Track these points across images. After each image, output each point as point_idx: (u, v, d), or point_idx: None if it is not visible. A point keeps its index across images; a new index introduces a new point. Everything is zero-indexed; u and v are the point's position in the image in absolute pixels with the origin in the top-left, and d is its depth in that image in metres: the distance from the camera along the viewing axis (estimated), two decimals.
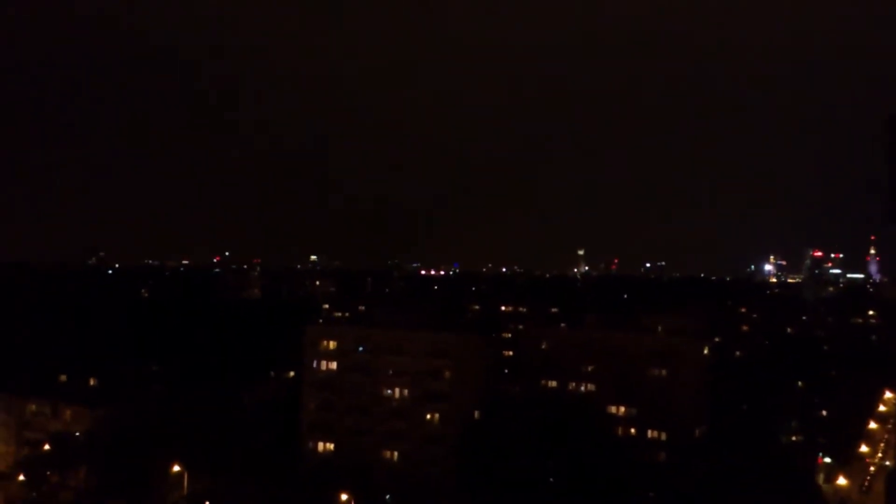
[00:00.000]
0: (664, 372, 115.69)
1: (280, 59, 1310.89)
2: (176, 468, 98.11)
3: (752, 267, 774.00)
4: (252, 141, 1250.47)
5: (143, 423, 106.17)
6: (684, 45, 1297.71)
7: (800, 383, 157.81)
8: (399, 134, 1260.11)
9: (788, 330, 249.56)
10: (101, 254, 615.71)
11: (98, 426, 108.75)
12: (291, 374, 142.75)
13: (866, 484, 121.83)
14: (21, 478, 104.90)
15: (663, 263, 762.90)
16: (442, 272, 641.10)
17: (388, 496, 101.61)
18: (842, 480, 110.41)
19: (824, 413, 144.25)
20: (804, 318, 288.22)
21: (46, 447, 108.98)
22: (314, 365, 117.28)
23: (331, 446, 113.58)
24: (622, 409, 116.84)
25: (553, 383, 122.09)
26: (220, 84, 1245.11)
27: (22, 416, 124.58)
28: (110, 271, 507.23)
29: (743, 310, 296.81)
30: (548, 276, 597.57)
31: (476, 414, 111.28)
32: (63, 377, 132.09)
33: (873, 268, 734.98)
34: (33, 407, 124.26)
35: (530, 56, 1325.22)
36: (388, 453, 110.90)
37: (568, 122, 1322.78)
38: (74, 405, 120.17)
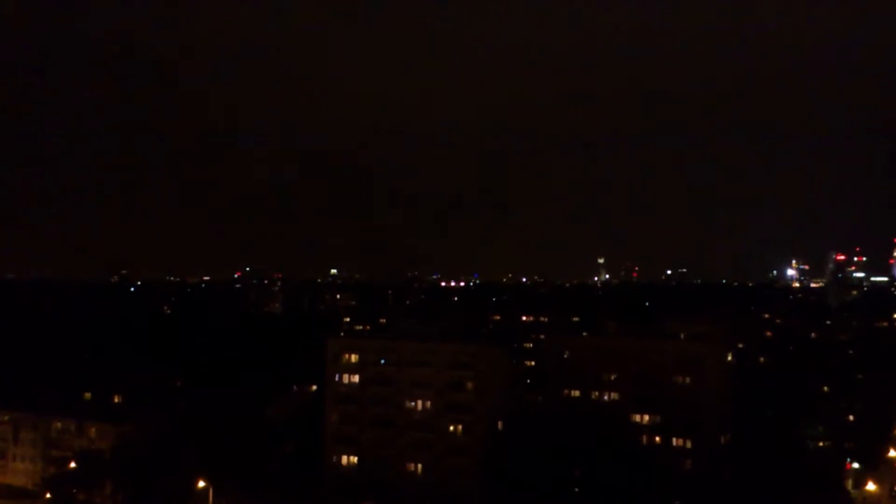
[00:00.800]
0: (688, 379, 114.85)
1: (290, 68, 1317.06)
2: (201, 483, 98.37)
3: (775, 272, 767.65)
4: (272, 155, 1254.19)
5: (167, 438, 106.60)
6: (701, 43, 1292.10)
7: (825, 388, 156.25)
8: (414, 142, 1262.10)
9: (812, 335, 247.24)
10: (124, 271, 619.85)
11: (123, 443, 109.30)
12: (314, 387, 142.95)
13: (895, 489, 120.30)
14: (48, 496, 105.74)
15: (685, 270, 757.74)
16: (462, 283, 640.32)
17: None
18: (871, 486, 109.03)
19: (851, 418, 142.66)
20: (828, 322, 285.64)
21: (72, 465, 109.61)
22: (336, 378, 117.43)
23: (354, 459, 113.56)
24: (646, 417, 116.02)
25: (576, 392, 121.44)
26: (231, 96, 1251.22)
27: (47, 435, 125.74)
28: (132, 288, 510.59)
29: (766, 315, 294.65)
30: (568, 284, 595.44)
31: (499, 425, 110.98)
32: (87, 395, 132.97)
33: None
34: (58, 425, 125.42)
35: (539, 60, 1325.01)
36: (411, 465, 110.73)
37: (586, 128, 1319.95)
38: (99, 422, 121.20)
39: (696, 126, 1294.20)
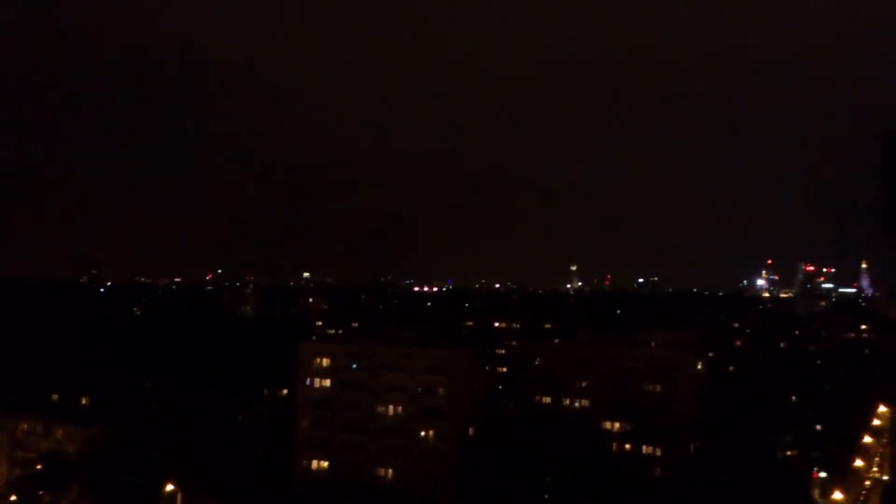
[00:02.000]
0: (658, 387, 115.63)
1: (269, 73, 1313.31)
2: (169, 487, 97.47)
3: (745, 282, 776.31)
4: (244, 156, 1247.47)
5: (135, 441, 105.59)
6: (674, 59, 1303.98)
7: (794, 397, 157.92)
8: (390, 148, 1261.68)
9: (782, 344, 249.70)
10: (94, 271, 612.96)
11: (90, 445, 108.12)
12: (285, 391, 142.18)
13: (862, 498, 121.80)
14: (13, 498, 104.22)
15: (656, 279, 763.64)
16: (435, 288, 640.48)
17: None
18: (838, 495, 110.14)
19: (819, 427, 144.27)
20: (797, 332, 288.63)
21: (39, 467, 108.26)
22: (308, 382, 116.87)
23: (325, 464, 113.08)
24: (617, 424, 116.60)
25: (547, 399, 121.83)
26: (209, 99, 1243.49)
27: (14, 436, 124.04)
28: (102, 289, 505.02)
29: (736, 324, 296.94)
30: (541, 291, 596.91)
31: (471, 430, 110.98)
32: (55, 396, 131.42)
33: (865, 282, 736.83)
34: (25, 426, 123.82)
35: (521, 70, 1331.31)
36: (382, 471, 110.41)
37: (559, 136, 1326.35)
38: (67, 424, 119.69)
39: (667, 134, 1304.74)
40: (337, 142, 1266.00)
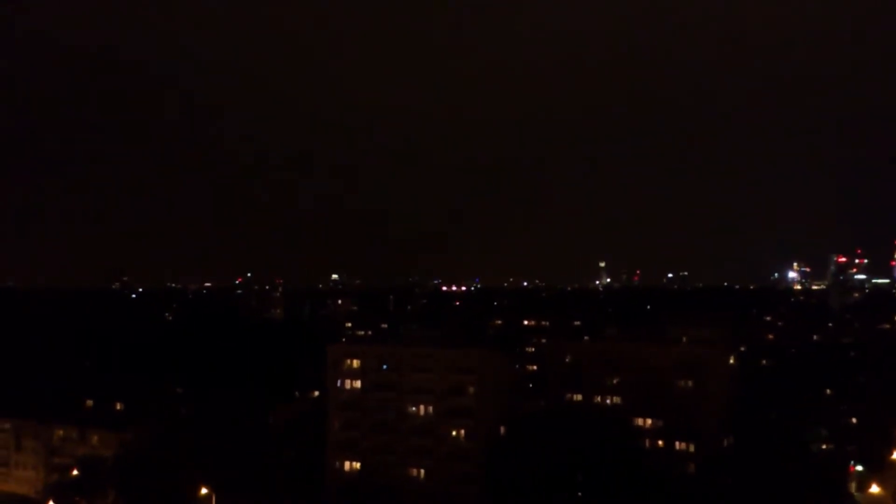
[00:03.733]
0: (690, 383, 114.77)
1: (301, 83, 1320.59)
2: (204, 490, 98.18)
3: (776, 274, 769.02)
4: (271, 162, 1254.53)
5: (169, 445, 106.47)
6: (698, 53, 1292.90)
7: (828, 391, 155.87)
8: (413, 149, 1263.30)
9: (815, 337, 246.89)
10: (125, 278, 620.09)
11: (125, 450, 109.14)
12: (316, 393, 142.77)
13: None
14: (50, 503, 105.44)
15: (686, 273, 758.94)
16: (463, 288, 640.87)
17: None
18: (875, 488, 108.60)
19: (854, 420, 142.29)
20: (830, 324, 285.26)
21: (75, 472, 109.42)
22: (338, 384, 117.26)
23: (357, 465, 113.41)
24: (649, 421, 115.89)
25: (578, 397, 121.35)
26: (237, 107, 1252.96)
27: (50, 442, 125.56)
28: (134, 295, 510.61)
29: (768, 318, 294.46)
30: (569, 288, 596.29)
31: (501, 429, 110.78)
32: (90, 402, 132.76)
33: None
34: (61, 432, 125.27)
35: (543, 70, 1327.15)
36: (413, 471, 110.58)
37: (587, 134, 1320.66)
38: (101, 430, 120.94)
39: (696, 131, 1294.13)
40: (365, 145, 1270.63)
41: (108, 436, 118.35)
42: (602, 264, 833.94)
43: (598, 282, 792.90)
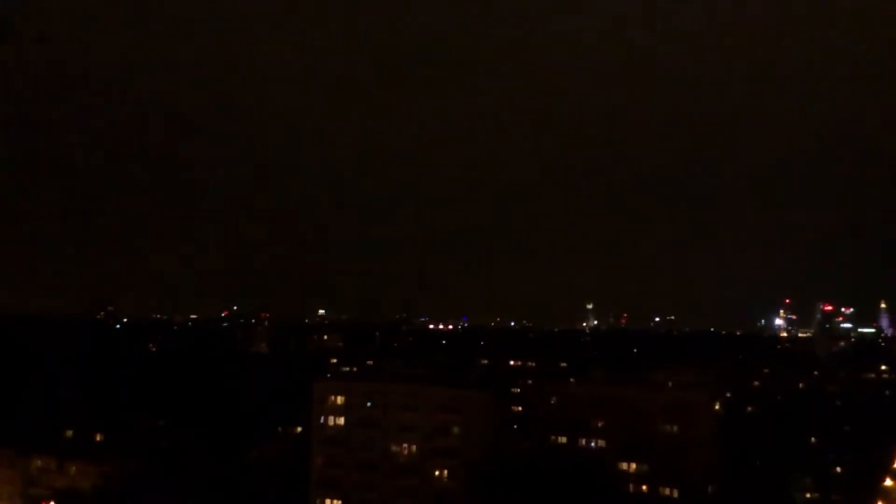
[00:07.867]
0: (675, 427, 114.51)
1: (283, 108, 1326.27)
2: None
3: (763, 321, 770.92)
4: (256, 192, 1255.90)
5: (149, 478, 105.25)
6: (683, 87, 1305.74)
7: (813, 439, 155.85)
8: (404, 183, 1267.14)
9: (800, 385, 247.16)
10: (110, 308, 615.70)
11: (104, 482, 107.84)
12: (299, 429, 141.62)
13: None
14: None
15: (673, 318, 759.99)
16: (450, 326, 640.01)
17: None
18: None
19: (839, 469, 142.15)
20: (816, 372, 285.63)
21: None
22: (322, 420, 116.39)
23: (339, 503, 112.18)
24: (633, 465, 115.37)
25: (563, 439, 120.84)
26: (222, 141, 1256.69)
27: (27, 473, 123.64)
28: (118, 325, 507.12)
29: (754, 364, 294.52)
30: (556, 330, 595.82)
31: (486, 470, 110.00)
32: (69, 432, 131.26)
33: (884, 322, 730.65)
34: (38, 463, 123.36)
35: (532, 102, 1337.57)
36: None
37: (573, 174, 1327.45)
38: (80, 461, 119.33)
39: (684, 172, 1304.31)
40: (351, 176, 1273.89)
41: (87, 468, 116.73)
42: (589, 306, 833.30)
43: (585, 324, 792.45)
